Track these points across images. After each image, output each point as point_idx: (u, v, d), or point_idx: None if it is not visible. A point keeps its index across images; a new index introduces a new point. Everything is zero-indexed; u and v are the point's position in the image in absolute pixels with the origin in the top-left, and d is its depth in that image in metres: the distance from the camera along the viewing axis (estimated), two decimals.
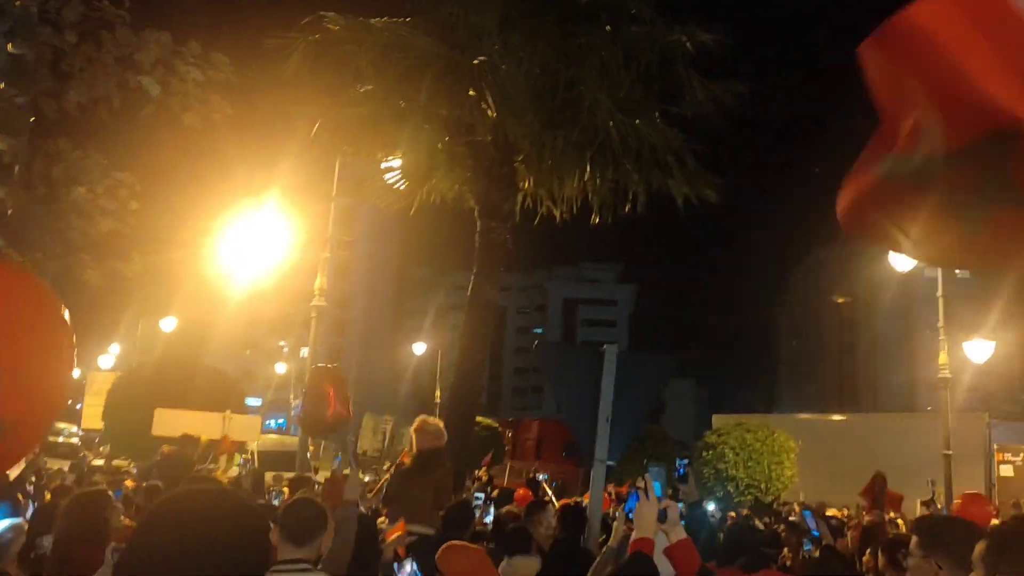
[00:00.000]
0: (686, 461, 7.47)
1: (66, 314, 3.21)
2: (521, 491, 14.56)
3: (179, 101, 7.77)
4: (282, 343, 66.68)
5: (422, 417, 7.63)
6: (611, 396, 7.53)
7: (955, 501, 14.22)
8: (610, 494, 14.91)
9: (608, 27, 11.15)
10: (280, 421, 55.70)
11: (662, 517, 3.61)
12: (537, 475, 28.42)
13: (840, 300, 65.14)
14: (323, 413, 7.46)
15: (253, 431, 18.69)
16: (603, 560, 5.07)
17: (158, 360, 26.43)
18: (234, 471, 16.51)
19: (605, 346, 7.74)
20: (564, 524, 6.82)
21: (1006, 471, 21.76)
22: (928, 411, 56.11)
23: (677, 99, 11.28)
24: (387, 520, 7.31)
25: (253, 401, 45.01)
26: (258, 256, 17.37)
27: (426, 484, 7.16)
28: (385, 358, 76.87)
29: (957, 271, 22.03)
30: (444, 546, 4.57)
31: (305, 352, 63.56)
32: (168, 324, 34.09)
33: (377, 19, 11.73)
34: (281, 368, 58.38)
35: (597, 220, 12.27)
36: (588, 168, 11.65)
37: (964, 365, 26.12)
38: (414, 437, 7.58)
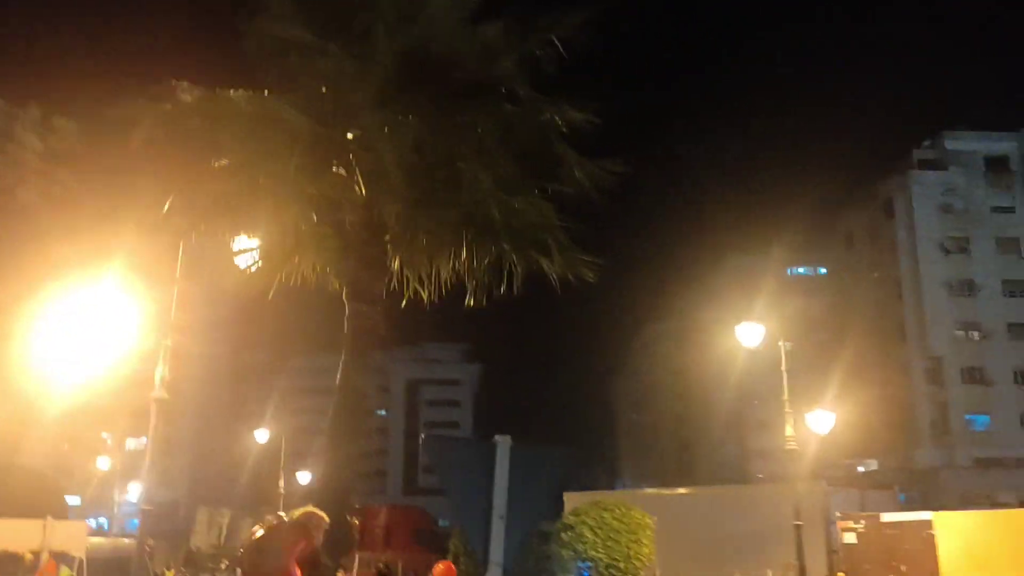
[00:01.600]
0: (588, 563, 7.09)
1: None
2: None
3: (14, 172, 6.83)
4: (105, 435, 61.82)
5: (309, 510, 6.89)
6: (505, 492, 7.01)
7: None
8: None
9: (485, 105, 10.97)
10: (103, 521, 51.08)
11: None
12: (388, 565, 27.14)
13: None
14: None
15: (79, 539, 16.79)
16: None
17: None
18: None
19: (497, 438, 7.23)
20: None
21: (849, 539, 22.57)
22: (760, 479, 58.71)
23: (553, 177, 11.17)
24: None
25: (72, 500, 41.11)
26: (86, 344, 15.85)
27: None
28: (219, 447, 72.76)
29: (782, 344, 23.10)
30: None
31: (133, 443, 59.29)
32: None
33: (234, 91, 11.05)
34: (104, 463, 53.93)
35: (472, 303, 11.86)
36: (465, 248, 11.29)
37: (802, 435, 27.22)
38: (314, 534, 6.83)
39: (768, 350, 23.40)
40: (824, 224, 70.58)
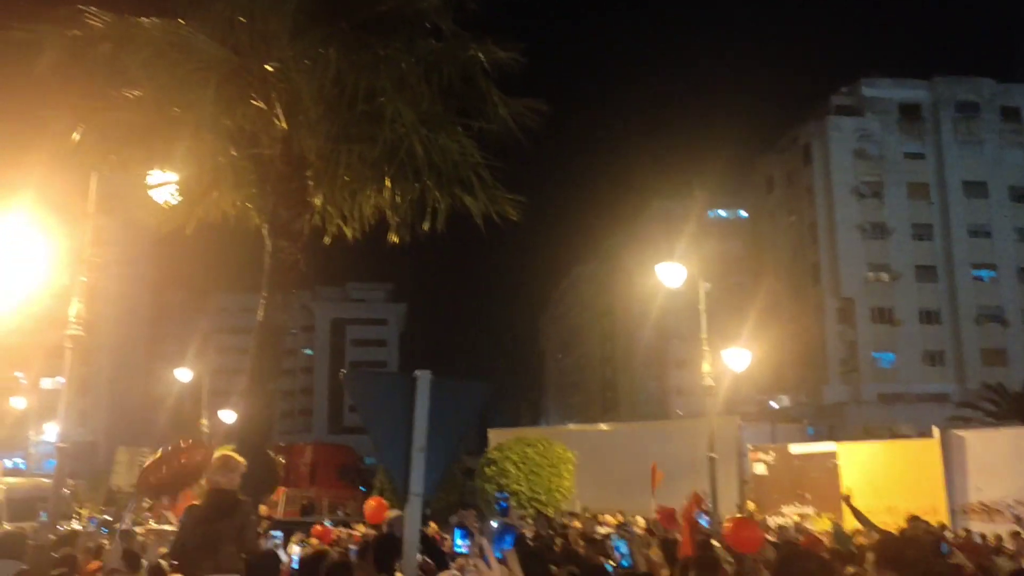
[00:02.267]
0: (507, 495, 7.30)
1: None
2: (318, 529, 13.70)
3: None
4: (18, 374, 59.99)
5: (225, 452, 6.87)
6: (425, 425, 7.16)
7: (725, 524, 15.07)
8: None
9: (405, 39, 10.81)
10: (19, 461, 49.89)
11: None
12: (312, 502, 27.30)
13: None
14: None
15: None
16: None
17: None
18: None
19: (417, 372, 7.37)
20: (378, 559, 6.37)
21: (759, 469, 23.59)
22: (679, 415, 60.59)
23: (477, 115, 11.12)
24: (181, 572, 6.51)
25: None
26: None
27: (229, 528, 6.44)
28: (140, 386, 71.46)
29: (705, 285, 23.62)
30: None
31: (48, 383, 57.83)
32: None
33: (145, 19, 10.63)
34: (19, 402, 52.48)
35: (396, 239, 11.84)
36: (388, 185, 11.22)
37: (718, 373, 28.08)
38: (209, 475, 6.81)
39: (689, 291, 23.92)
40: (745, 168, 72.09)
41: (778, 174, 66.11)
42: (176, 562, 6.77)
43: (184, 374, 43.33)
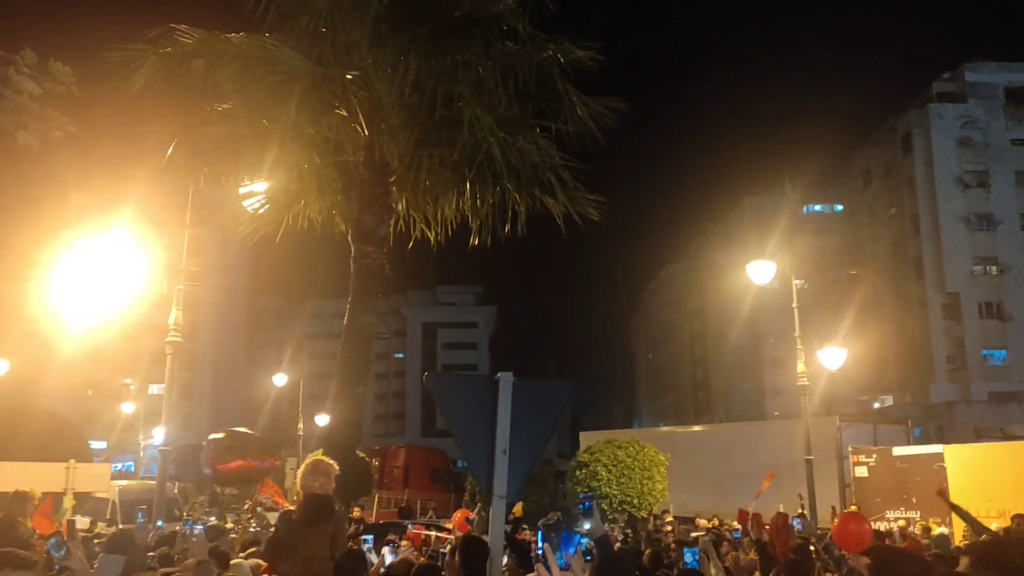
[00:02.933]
0: (591, 495, 7.30)
1: None
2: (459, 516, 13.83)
3: (12, 118, 6.82)
4: (128, 380, 62.87)
5: (316, 457, 6.96)
6: (507, 427, 7.12)
7: (834, 522, 14.60)
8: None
9: (482, 43, 10.85)
10: (128, 464, 52.23)
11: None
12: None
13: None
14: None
15: (101, 479, 17.20)
16: None
17: None
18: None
19: (500, 374, 7.33)
20: (466, 561, 6.35)
21: (861, 472, 22.76)
22: (776, 416, 59.13)
23: (555, 116, 11.08)
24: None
25: (98, 445, 42.00)
26: (101, 290, 16.04)
27: (322, 533, 6.52)
28: (239, 392, 73.94)
29: (797, 282, 22.97)
30: None
31: (155, 388, 60.32)
32: None
33: (234, 34, 10.97)
34: (128, 407, 54.97)
35: (476, 242, 11.91)
36: (468, 188, 11.29)
37: (815, 372, 27.31)
38: (302, 480, 6.90)
39: (782, 288, 23.41)
40: (840, 161, 69.90)
41: (876, 166, 63.84)
42: (266, 562, 6.89)
43: (280, 379, 44.62)
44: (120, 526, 17.45)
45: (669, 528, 17.84)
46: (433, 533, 15.09)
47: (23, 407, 23.11)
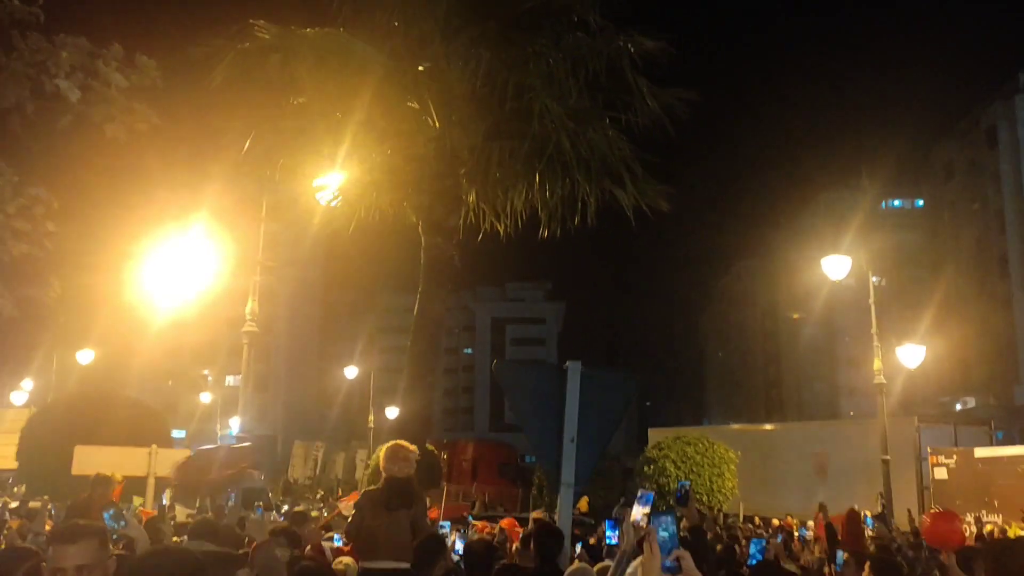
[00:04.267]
0: (688, 483, 7.24)
1: None
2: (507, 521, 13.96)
3: (101, 110, 7.06)
4: (206, 372, 64.72)
5: (395, 442, 7.06)
6: (576, 416, 7.12)
7: (924, 519, 14.22)
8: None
9: (552, 35, 10.85)
10: None
11: (675, 569, 3.39)
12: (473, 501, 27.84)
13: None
14: None
15: None
16: None
17: (74, 394, 25.04)
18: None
19: (568, 363, 7.34)
20: (541, 549, 6.37)
21: (940, 474, 22.05)
22: (852, 416, 57.70)
23: (625, 107, 11.01)
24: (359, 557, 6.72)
25: (177, 434, 43.31)
26: (182, 282, 16.54)
27: (404, 518, 6.61)
28: (312, 384, 75.34)
29: (875, 279, 22.36)
30: None
31: (231, 380, 61.97)
32: (85, 357, 32.40)
33: (309, 29, 11.19)
34: (206, 398, 56.61)
35: (546, 234, 11.90)
36: (537, 180, 11.30)
37: (892, 371, 26.57)
38: (383, 464, 7.00)
39: (858, 286, 22.84)
40: (920, 156, 67.78)
41: (959, 160, 61.69)
42: (351, 545, 6.99)
43: (351, 372, 45.37)
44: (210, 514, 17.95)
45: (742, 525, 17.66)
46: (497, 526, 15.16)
47: (110, 395, 24.03)
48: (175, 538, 8.74)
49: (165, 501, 18.93)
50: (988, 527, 17.70)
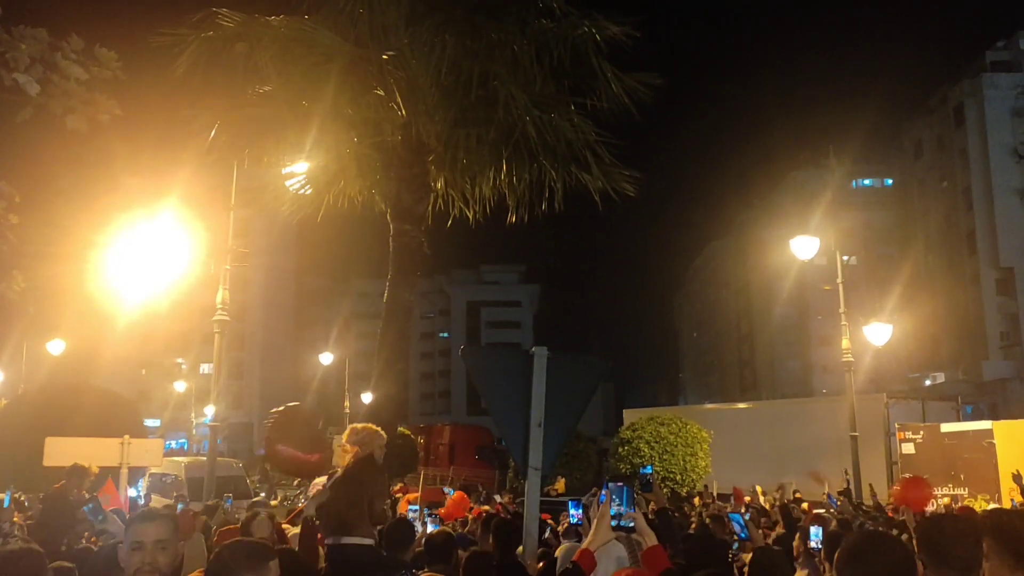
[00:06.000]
0: (650, 469, 7.41)
1: None
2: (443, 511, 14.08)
3: (61, 102, 7.02)
4: (180, 360, 64.33)
5: (351, 425, 7.18)
6: (543, 401, 7.23)
7: (894, 487, 14.55)
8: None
9: (518, 21, 10.88)
10: (181, 442, 53.58)
11: (629, 527, 3.73)
12: (444, 488, 28.00)
13: (826, 287, 66.25)
14: (296, 460, 6.83)
15: (155, 455, 17.70)
16: None
17: (45, 385, 24.87)
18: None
19: (534, 348, 7.43)
20: (498, 542, 6.49)
21: (908, 449, 22.47)
22: (824, 394, 58.51)
23: (590, 93, 11.09)
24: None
25: (151, 423, 43.12)
26: (151, 271, 16.43)
27: (356, 497, 6.73)
28: (286, 370, 75.17)
29: (845, 257, 22.65)
30: None
31: (205, 368, 61.72)
32: (55, 347, 32.12)
33: (274, 17, 11.14)
34: (180, 386, 56.32)
35: (514, 219, 12.01)
36: (504, 166, 11.37)
37: (861, 348, 26.98)
38: (346, 447, 7.13)
39: (830, 264, 23.07)
40: (890, 134, 68.45)
41: (927, 138, 62.38)
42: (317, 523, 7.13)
43: (326, 358, 45.32)
44: (193, 505, 17.96)
45: (697, 501, 17.98)
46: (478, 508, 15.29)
47: (80, 385, 23.87)
48: None
49: (141, 491, 18.91)
50: (945, 500, 18.12)
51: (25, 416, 19.52)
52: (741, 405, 36.98)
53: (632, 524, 3.70)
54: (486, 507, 15.59)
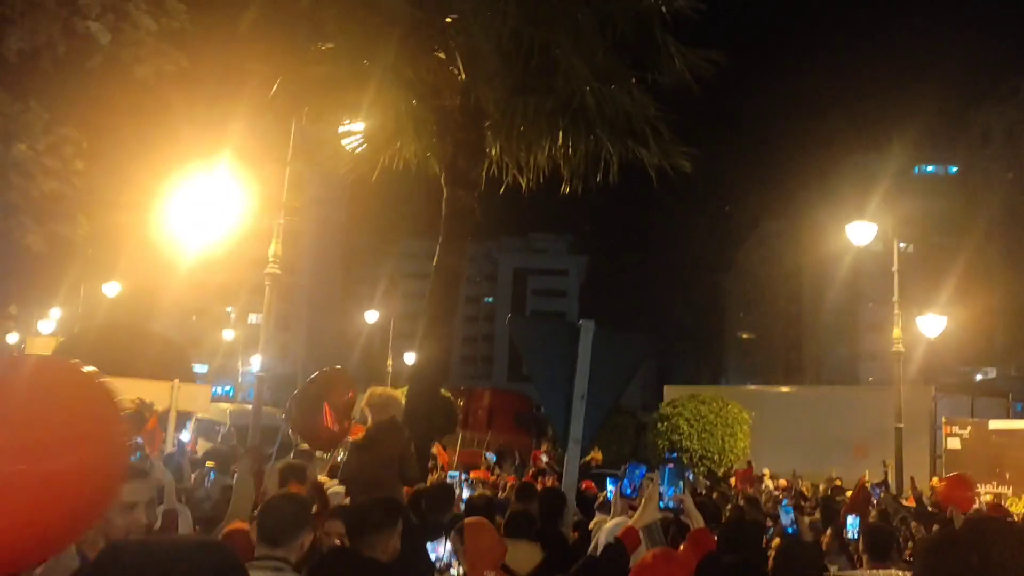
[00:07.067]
0: (675, 456, 7.40)
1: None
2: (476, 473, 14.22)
3: (130, 52, 7.16)
4: (229, 309, 65.53)
5: (370, 388, 7.27)
6: (587, 374, 7.25)
7: (937, 483, 14.38)
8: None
9: None
10: (228, 388, 54.79)
11: (677, 509, 3.74)
12: (486, 454, 28.33)
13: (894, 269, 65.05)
14: (317, 427, 6.92)
15: (202, 400, 18.16)
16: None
17: (101, 326, 25.60)
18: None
19: (581, 322, 7.44)
20: (544, 510, 6.54)
21: (953, 444, 22.10)
22: (870, 382, 57.64)
23: (651, 67, 10.96)
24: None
25: (199, 368, 44.11)
26: (207, 221, 16.74)
27: (385, 458, 6.81)
28: (334, 325, 76.14)
29: (901, 244, 22.17)
30: (468, 522, 4.50)
31: (254, 318, 62.88)
32: (112, 289, 32.95)
33: None
34: (229, 334, 57.45)
35: (568, 190, 11.97)
36: (560, 136, 11.31)
37: (912, 339, 26.46)
38: (367, 410, 7.23)
39: (885, 251, 22.68)
40: (956, 121, 66.46)
41: (996, 126, 60.48)
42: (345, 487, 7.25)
43: (372, 316, 45.78)
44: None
45: (733, 481, 17.91)
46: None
47: (134, 328, 24.52)
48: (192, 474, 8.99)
49: (187, 435, 19.41)
50: (987, 497, 17.80)
51: (79, 356, 20.04)
52: (784, 388, 36.66)
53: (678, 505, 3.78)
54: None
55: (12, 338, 37.09)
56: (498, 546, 4.49)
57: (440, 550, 4.03)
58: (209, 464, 9.35)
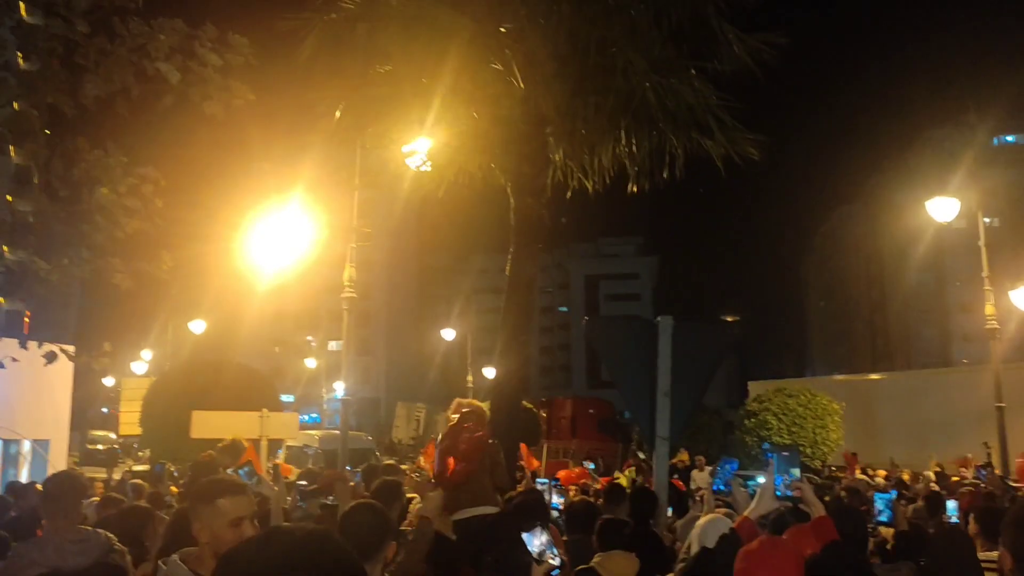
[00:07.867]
0: (767, 446, 7.18)
1: None
2: (563, 473, 14.17)
3: (199, 89, 7.38)
4: (309, 337, 66.85)
5: (456, 399, 7.28)
6: (669, 370, 7.14)
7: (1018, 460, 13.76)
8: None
9: None
10: (314, 416, 55.93)
11: (795, 500, 3.83)
12: (584, 463, 28.16)
13: None
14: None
15: (291, 427, 18.52)
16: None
17: (189, 362, 26.42)
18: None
19: (659, 318, 7.34)
20: (635, 510, 6.46)
21: None
22: (965, 364, 55.56)
23: (710, 56, 10.81)
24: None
25: (286, 398, 45.09)
26: (284, 250, 17.16)
27: (486, 464, 6.81)
28: (410, 346, 77.04)
29: (987, 219, 21.30)
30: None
31: (334, 345, 64.02)
32: (198, 327, 34.10)
33: None
34: (311, 363, 58.59)
35: (635, 189, 11.86)
36: (623, 135, 11.23)
37: (1006, 315, 25.42)
38: (453, 420, 7.24)
39: (970, 227, 21.90)
40: None
41: None
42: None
43: (449, 334, 46.17)
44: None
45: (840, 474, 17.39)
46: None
47: (221, 361, 25.23)
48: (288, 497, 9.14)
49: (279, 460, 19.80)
50: None
51: (173, 392, 20.77)
52: (874, 376, 35.65)
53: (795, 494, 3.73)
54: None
55: (108, 381, 38.60)
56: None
57: (536, 541, 4.00)
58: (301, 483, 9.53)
